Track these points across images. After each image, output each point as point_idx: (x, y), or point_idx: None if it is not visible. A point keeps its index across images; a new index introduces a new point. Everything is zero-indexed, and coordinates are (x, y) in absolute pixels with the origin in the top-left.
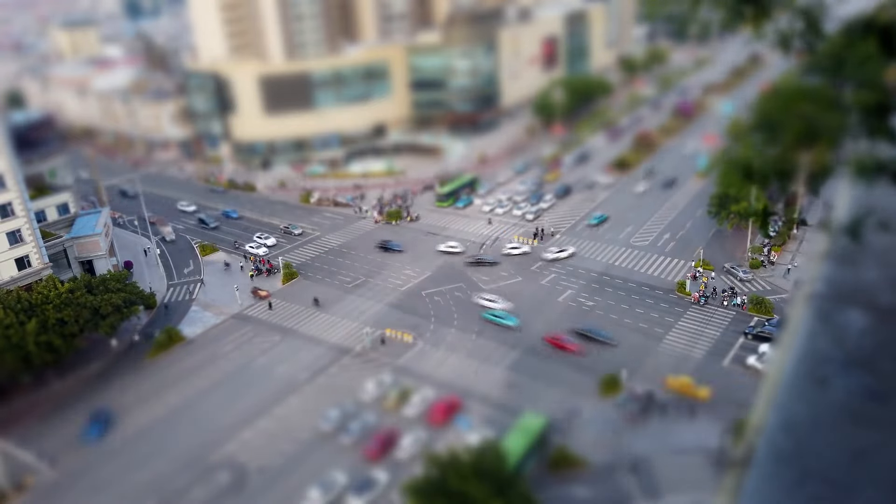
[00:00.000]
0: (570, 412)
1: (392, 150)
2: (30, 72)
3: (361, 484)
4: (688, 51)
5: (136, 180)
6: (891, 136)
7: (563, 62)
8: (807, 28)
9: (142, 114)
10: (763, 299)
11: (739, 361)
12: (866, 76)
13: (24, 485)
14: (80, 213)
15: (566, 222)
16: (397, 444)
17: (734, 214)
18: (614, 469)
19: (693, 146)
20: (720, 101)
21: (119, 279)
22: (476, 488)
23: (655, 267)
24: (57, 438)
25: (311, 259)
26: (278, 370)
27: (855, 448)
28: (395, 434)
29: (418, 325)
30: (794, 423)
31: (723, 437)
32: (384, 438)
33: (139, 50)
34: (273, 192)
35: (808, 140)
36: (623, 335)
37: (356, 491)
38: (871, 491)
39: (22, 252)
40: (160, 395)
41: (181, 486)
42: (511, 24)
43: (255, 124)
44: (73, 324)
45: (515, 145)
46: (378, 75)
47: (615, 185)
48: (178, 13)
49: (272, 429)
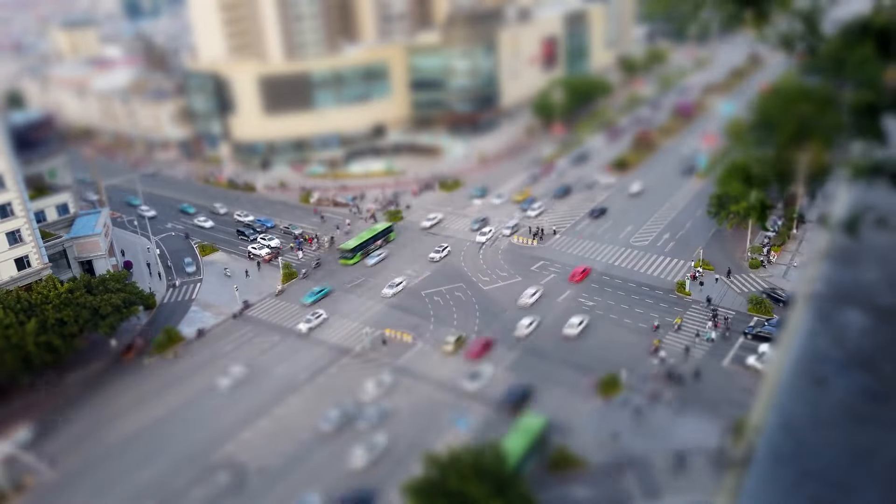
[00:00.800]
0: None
1: (392, 150)
2: (29, 72)
3: (473, 374)
4: (687, 51)
5: (137, 180)
6: (880, 136)
7: (563, 62)
8: (807, 30)
9: (141, 114)
10: (763, 299)
11: (739, 361)
12: (865, 77)
13: (24, 485)
14: (80, 214)
15: (567, 222)
16: (494, 348)
17: (734, 214)
18: (612, 469)
19: (691, 147)
20: (720, 101)
21: (118, 279)
22: (476, 488)
23: (655, 267)
24: (56, 439)
25: (310, 259)
26: (278, 370)
27: (855, 448)
28: (491, 341)
29: (418, 326)
30: (793, 423)
31: (722, 437)
32: (483, 342)
33: (139, 50)
34: (272, 192)
35: (803, 139)
36: (622, 335)
37: (470, 378)
38: (871, 491)
39: (21, 252)
40: (160, 395)
41: (181, 486)
42: (511, 24)
43: (255, 124)
44: (72, 324)
45: (515, 145)
46: (378, 75)
47: (615, 185)
48: (178, 13)
49: (272, 429)
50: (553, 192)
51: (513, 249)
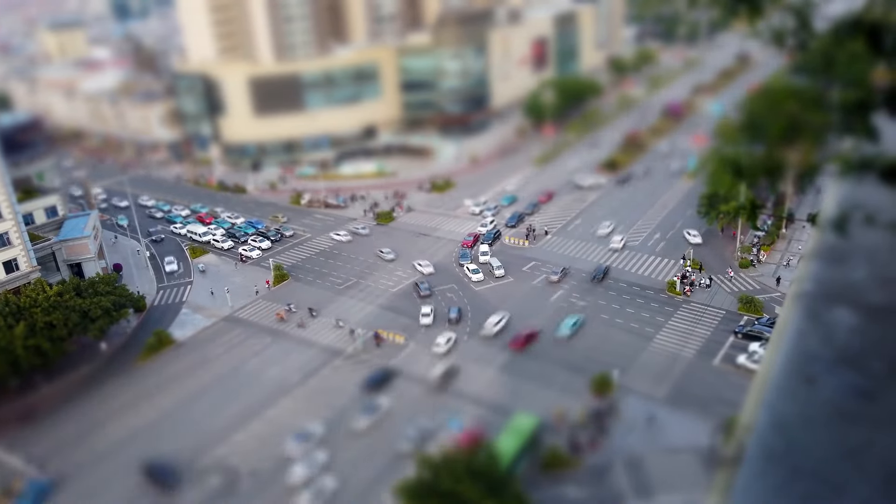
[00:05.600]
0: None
1: (383, 151)
2: (17, 73)
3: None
4: (677, 52)
5: (126, 183)
6: (870, 133)
7: (553, 63)
8: (799, 25)
9: (130, 116)
10: (753, 298)
11: (729, 360)
12: (854, 75)
13: (12, 489)
14: (69, 216)
15: (557, 222)
16: (537, 339)
17: (724, 214)
18: (606, 469)
19: (673, 147)
20: (709, 101)
21: (108, 282)
22: (469, 489)
23: (646, 267)
24: (45, 443)
25: (302, 261)
26: (270, 373)
27: (845, 445)
28: (536, 332)
29: (410, 327)
30: (784, 422)
31: (714, 436)
32: (527, 334)
33: (127, 51)
34: (263, 193)
35: (791, 138)
36: (614, 335)
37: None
38: (862, 488)
39: (10, 255)
40: (151, 398)
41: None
42: (501, 25)
43: (245, 126)
44: (61, 327)
45: (506, 146)
46: (368, 76)
47: (605, 185)
48: (167, 14)
49: (264, 431)
50: (506, 220)
51: (504, 250)
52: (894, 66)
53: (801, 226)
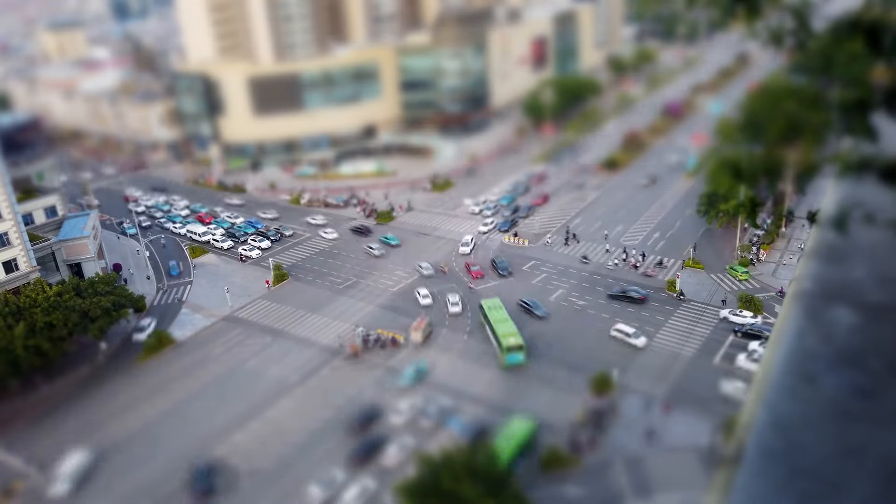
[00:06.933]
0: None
1: (382, 150)
2: (16, 74)
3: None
4: (676, 51)
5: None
6: (869, 132)
7: (553, 62)
8: (797, 25)
9: (130, 116)
10: (752, 297)
11: (729, 359)
12: (853, 74)
13: (12, 490)
14: (69, 216)
15: (555, 223)
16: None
17: (723, 213)
18: (606, 467)
19: (673, 148)
20: (708, 100)
21: (108, 282)
22: (468, 489)
23: (646, 266)
24: (45, 443)
25: (301, 260)
26: (269, 372)
27: (844, 444)
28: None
29: (408, 327)
30: (783, 421)
31: (713, 435)
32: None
33: (127, 51)
34: (263, 193)
35: (791, 137)
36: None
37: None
38: (862, 486)
39: (9, 255)
40: (151, 398)
41: (172, 489)
42: (500, 24)
43: (245, 126)
44: (61, 327)
45: (505, 146)
46: (368, 76)
47: (604, 185)
48: (166, 14)
49: (264, 431)
50: (499, 226)
51: (504, 249)
52: (893, 66)
53: (801, 224)
